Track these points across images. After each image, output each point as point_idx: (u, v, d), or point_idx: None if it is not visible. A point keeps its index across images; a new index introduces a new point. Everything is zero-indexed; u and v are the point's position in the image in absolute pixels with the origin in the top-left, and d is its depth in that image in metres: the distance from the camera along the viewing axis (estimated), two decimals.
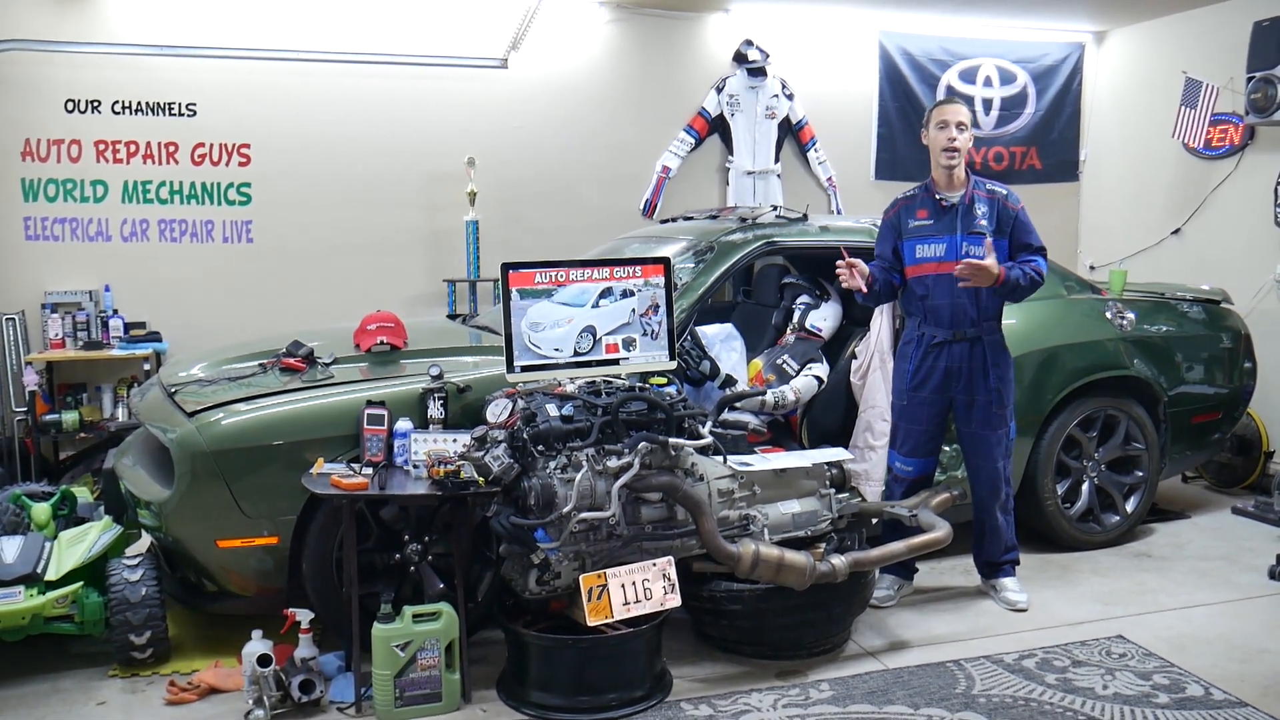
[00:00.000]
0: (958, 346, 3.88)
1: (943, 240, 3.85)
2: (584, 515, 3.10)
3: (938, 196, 3.89)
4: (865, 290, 3.82)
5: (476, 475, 3.13)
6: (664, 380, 3.64)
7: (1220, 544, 4.80)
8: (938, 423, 3.97)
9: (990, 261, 3.69)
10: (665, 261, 3.70)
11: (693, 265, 4.22)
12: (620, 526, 3.21)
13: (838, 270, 3.80)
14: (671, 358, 3.65)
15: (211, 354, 4.18)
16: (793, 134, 6.83)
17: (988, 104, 7.15)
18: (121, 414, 5.47)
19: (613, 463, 3.17)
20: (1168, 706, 3.19)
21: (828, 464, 3.76)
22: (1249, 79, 5.79)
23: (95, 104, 5.63)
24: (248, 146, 5.87)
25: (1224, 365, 5.03)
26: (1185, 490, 5.79)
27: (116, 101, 5.66)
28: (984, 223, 3.83)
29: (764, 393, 4.16)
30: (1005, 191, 3.93)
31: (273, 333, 4.45)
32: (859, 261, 3.80)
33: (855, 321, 4.56)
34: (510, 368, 3.47)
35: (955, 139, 3.82)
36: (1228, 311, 5.22)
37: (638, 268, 3.64)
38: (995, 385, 3.88)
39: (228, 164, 5.86)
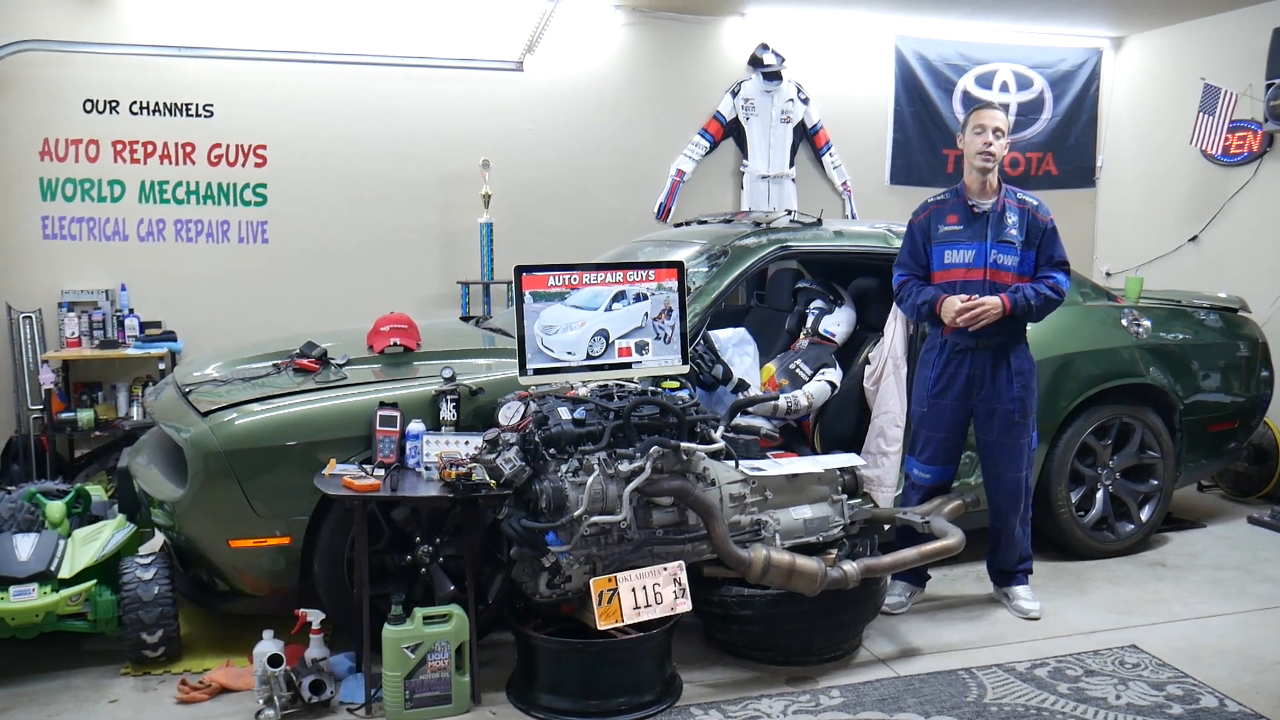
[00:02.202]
0: (981, 354, 3.85)
1: (972, 247, 3.82)
2: (595, 519, 3.10)
3: (970, 203, 3.87)
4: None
5: (488, 478, 3.14)
6: (676, 384, 3.64)
7: (1236, 554, 4.76)
8: (959, 430, 3.94)
9: (990, 299, 3.70)
10: (679, 265, 3.70)
11: (706, 269, 4.21)
12: (631, 530, 3.20)
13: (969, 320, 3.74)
14: (684, 362, 3.65)
15: (226, 354, 4.20)
16: (808, 138, 6.82)
17: (1004, 109, 7.11)
18: (136, 413, 5.51)
19: (624, 466, 3.16)
20: (1181, 718, 3.16)
21: (840, 469, 3.74)
22: (1268, 85, 5.76)
23: (113, 104, 5.68)
24: (264, 147, 5.91)
25: (1241, 374, 4.99)
26: (1200, 499, 5.75)
27: (134, 102, 5.70)
28: (1014, 232, 3.81)
29: (776, 397, 4.15)
30: (1036, 203, 3.90)
31: (287, 333, 4.47)
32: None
33: (868, 327, 4.55)
34: (523, 370, 3.47)
35: (991, 144, 3.80)
36: (1245, 320, 5.18)
37: (651, 271, 3.64)
38: (1019, 394, 3.85)
39: (244, 165, 5.89)
